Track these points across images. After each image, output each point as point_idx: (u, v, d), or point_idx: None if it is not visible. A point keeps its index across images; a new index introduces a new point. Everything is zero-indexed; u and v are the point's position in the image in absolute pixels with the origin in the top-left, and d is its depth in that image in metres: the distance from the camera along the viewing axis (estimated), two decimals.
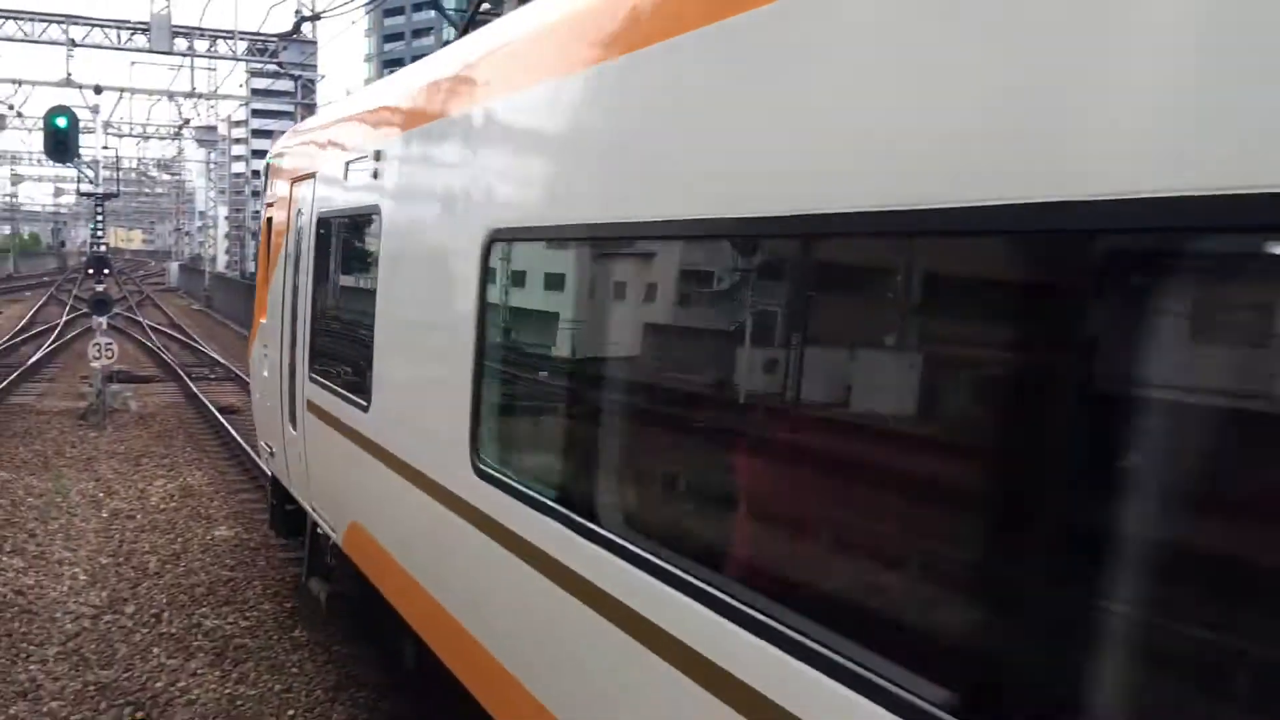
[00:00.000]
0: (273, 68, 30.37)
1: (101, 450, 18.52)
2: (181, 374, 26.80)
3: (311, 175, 8.95)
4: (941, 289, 2.82)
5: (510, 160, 5.15)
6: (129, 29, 27.63)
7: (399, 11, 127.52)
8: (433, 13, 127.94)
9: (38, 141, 55.93)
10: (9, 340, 36.06)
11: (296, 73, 30.18)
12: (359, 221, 7.62)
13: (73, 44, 27.08)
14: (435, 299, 5.81)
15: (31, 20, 26.93)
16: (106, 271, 23.20)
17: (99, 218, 24.19)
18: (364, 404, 7.06)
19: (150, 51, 28.11)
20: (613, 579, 3.88)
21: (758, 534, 3.47)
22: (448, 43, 7.14)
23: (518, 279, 5.26)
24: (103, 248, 23.63)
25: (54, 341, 35.35)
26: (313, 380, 8.56)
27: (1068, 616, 2.29)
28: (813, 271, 3.18)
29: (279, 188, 10.51)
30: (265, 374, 10.78)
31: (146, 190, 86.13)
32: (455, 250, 5.51)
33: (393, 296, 6.71)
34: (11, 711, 8.51)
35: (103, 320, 22.84)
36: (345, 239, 8.21)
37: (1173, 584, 2.20)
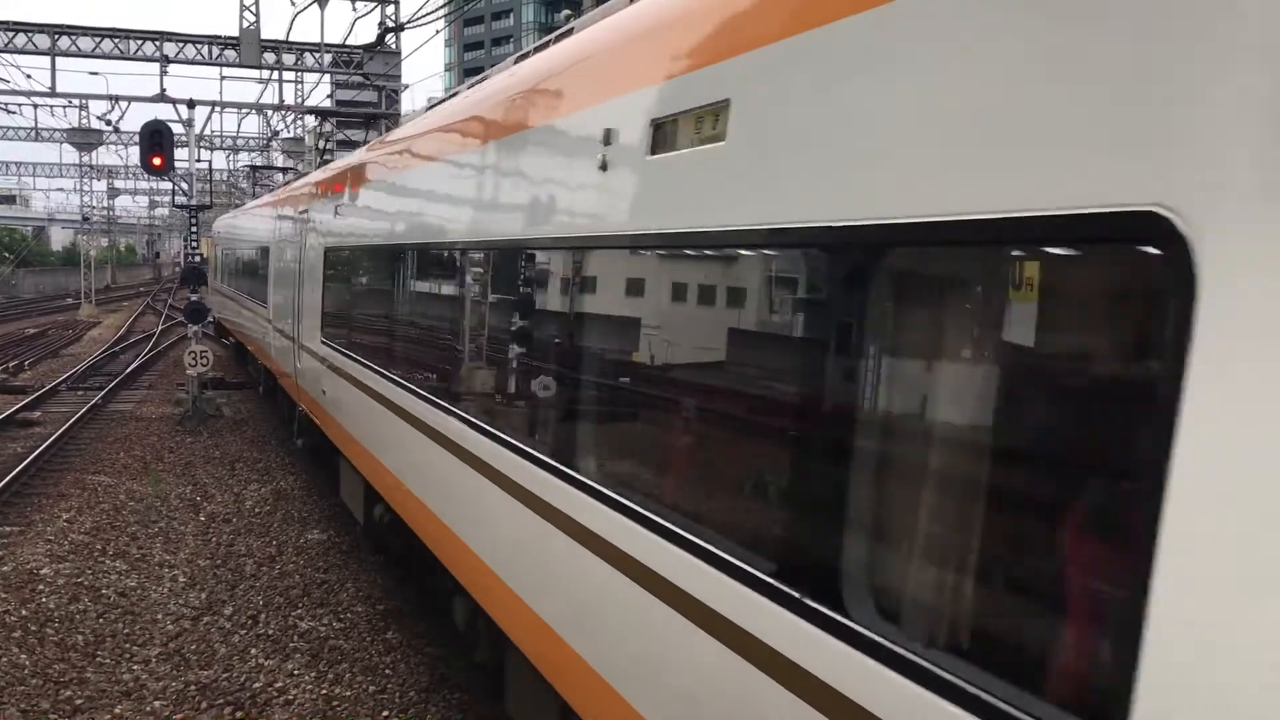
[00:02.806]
0: (358, 79, 30.86)
1: (198, 455, 18.98)
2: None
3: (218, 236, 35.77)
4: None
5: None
6: (219, 44, 28.28)
7: (478, 21, 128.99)
8: (511, 21, 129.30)
9: (134, 156, 57.55)
10: (109, 349, 37.16)
11: (380, 83, 30.59)
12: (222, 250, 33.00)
13: (166, 60, 27.77)
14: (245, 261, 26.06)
15: (127, 38, 27.69)
16: (201, 281, 23.77)
17: (193, 229, 24.79)
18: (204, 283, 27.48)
19: (240, 66, 28.72)
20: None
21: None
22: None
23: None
24: (197, 259, 24.22)
25: (151, 350, 36.33)
26: (215, 280, 33.05)
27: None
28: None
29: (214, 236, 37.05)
30: (213, 290, 32.76)
31: (237, 201, 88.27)
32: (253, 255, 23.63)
33: (230, 263, 29.69)
34: (117, 710, 8.74)
35: (198, 328, 23.41)
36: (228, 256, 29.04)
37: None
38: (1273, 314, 2.03)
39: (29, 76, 31.14)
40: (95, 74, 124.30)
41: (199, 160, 36.43)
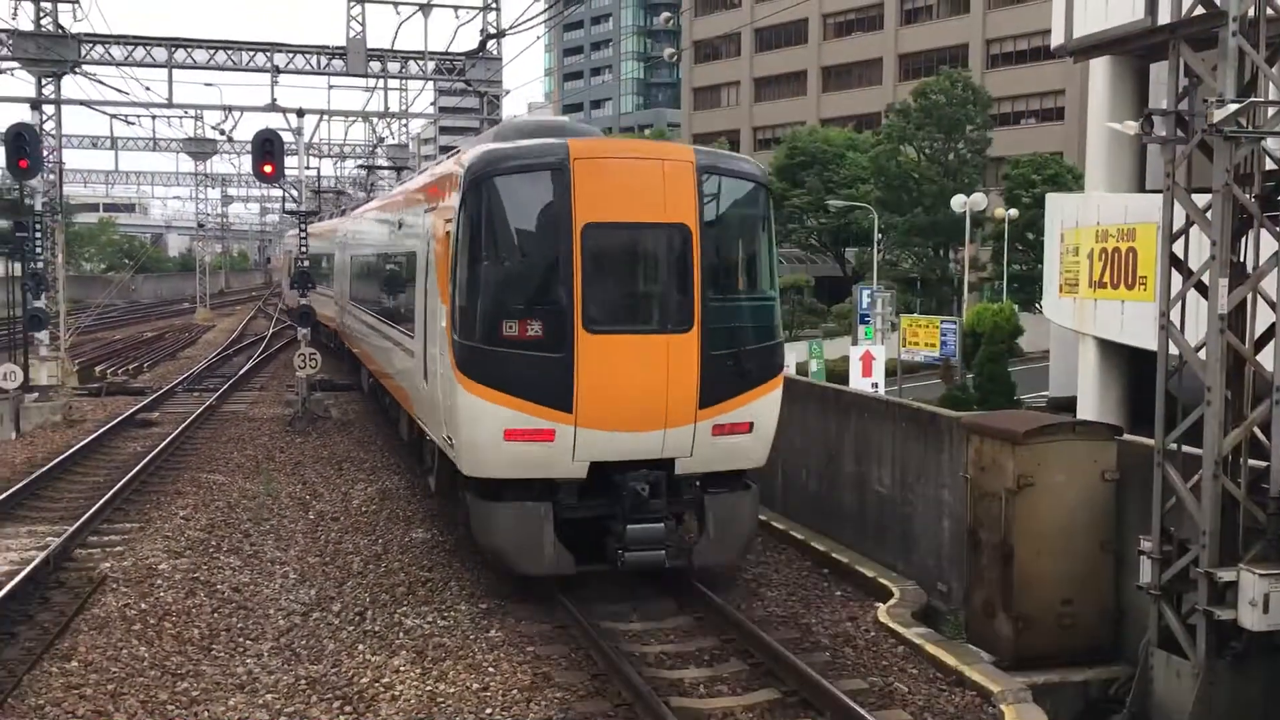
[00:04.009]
0: (460, 85, 31.30)
1: (307, 455, 19.45)
2: None
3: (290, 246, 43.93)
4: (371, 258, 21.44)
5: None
6: (327, 54, 28.91)
7: (578, 26, 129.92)
8: (610, 25, 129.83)
9: (246, 164, 59.14)
10: (223, 352, 38.33)
11: (482, 89, 30.98)
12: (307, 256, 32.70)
13: (277, 70, 28.46)
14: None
15: (240, 50, 28.48)
16: (310, 285, 24.36)
17: (303, 235, 25.42)
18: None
19: (347, 75, 29.33)
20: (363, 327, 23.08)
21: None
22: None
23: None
24: (305, 263, 24.80)
25: (262, 353, 37.38)
26: (290, 290, 38.71)
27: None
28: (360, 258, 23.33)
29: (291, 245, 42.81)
30: (286, 293, 48.29)
31: (343, 207, 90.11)
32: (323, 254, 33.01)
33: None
34: (231, 703, 8.99)
35: (307, 331, 23.98)
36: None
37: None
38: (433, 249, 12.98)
39: (148, 89, 32.29)
40: (210, 85, 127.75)
41: (308, 167, 37.31)
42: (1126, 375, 21.27)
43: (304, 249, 24.86)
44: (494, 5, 29.35)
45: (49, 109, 27.07)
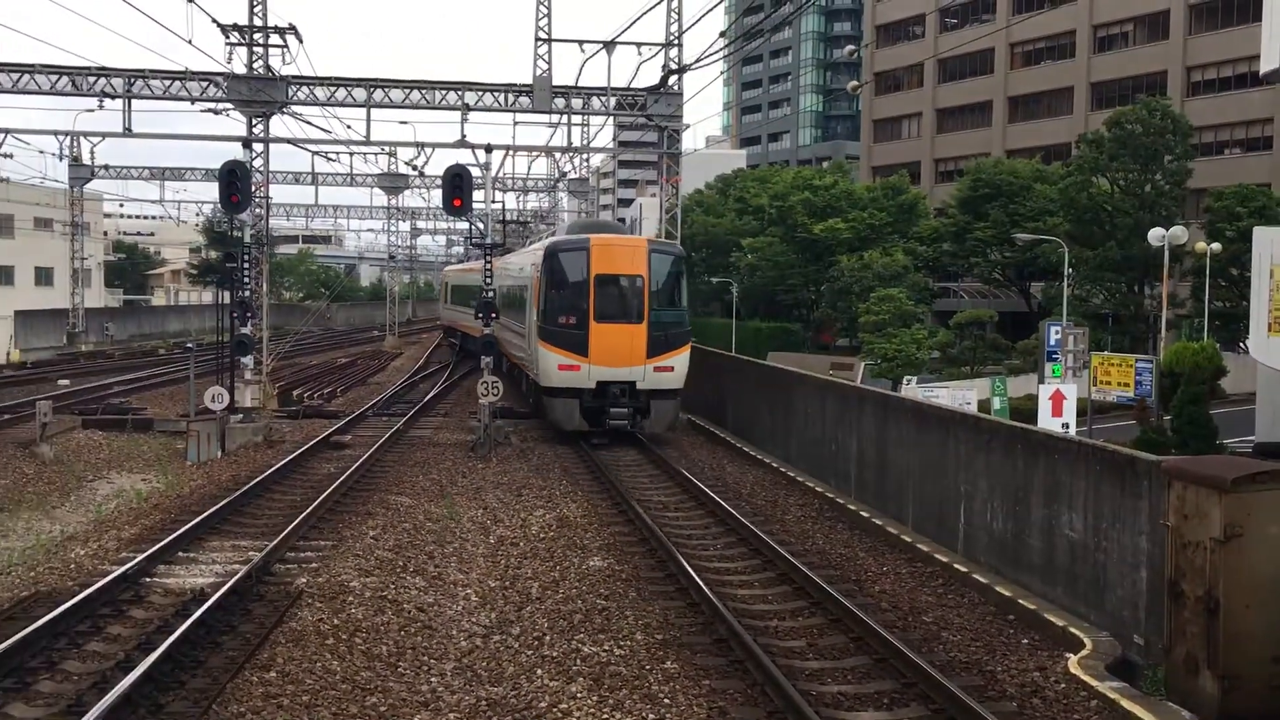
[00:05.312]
0: (641, 120, 31.78)
1: (488, 481, 19.95)
2: None
3: (448, 277, 61.25)
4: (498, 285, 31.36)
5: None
6: (515, 92, 29.85)
7: (757, 60, 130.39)
8: (789, 59, 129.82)
9: (435, 198, 61.67)
10: (409, 379, 39.76)
11: (663, 124, 31.38)
12: (451, 286, 57.15)
13: (467, 108, 29.57)
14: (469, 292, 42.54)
15: (433, 89, 29.71)
16: (494, 315, 25.06)
17: (487, 266, 26.18)
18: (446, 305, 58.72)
19: (532, 111, 30.20)
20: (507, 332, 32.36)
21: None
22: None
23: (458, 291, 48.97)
24: (490, 294, 25.53)
25: (446, 380, 38.61)
26: (445, 307, 59.62)
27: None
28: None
29: (447, 277, 62.26)
30: (442, 311, 62.23)
31: (525, 240, 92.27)
32: (468, 285, 43.75)
33: (455, 293, 52.93)
34: None
35: (489, 360, 24.64)
36: (456, 289, 52.35)
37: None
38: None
39: (349, 127, 33.99)
40: (404, 123, 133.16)
41: (493, 201, 38.55)
42: None
43: (488, 279, 25.58)
44: (676, 42, 29.72)
45: (258, 147, 28.77)
